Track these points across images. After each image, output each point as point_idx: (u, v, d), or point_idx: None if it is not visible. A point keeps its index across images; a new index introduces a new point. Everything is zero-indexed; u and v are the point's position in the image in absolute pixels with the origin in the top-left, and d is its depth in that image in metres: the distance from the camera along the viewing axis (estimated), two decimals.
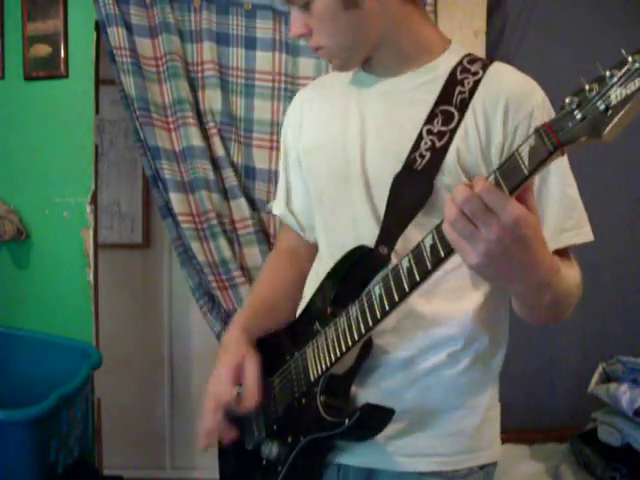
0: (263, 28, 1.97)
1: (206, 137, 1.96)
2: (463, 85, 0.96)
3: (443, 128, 0.94)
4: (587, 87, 0.63)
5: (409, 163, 0.95)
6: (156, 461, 2.80)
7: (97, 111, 2.10)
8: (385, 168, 0.97)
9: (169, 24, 1.94)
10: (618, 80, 0.60)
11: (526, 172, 0.68)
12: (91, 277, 2.10)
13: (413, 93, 1.00)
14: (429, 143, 0.95)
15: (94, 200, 2.10)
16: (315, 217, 1.12)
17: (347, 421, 0.90)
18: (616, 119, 0.61)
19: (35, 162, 2.12)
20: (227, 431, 1.04)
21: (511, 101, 0.93)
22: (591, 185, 2.08)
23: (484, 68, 0.97)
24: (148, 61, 1.96)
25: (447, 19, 1.92)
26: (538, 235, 0.73)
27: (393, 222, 0.95)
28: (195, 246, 1.94)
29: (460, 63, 0.99)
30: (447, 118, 0.95)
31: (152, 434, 2.80)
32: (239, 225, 1.97)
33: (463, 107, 0.95)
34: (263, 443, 1.03)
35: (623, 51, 0.61)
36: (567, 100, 0.65)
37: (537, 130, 0.67)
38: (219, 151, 1.95)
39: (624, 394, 1.58)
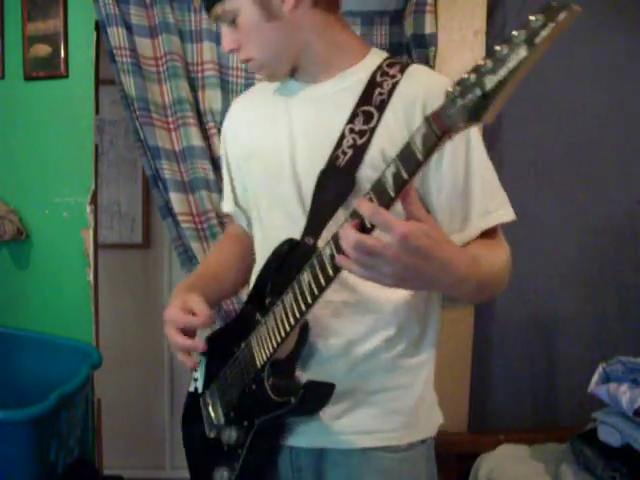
0: None
1: (206, 137, 1.96)
2: (382, 87, 1.04)
3: (364, 127, 1.02)
4: (466, 76, 0.69)
5: (332, 160, 1.03)
6: (156, 461, 2.81)
7: (97, 111, 2.10)
8: (313, 167, 1.05)
9: (169, 24, 1.94)
10: (490, 69, 0.66)
11: (421, 157, 0.74)
12: (91, 277, 2.10)
13: (336, 97, 1.08)
14: (351, 141, 1.03)
15: (94, 200, 2.10)
16: (252, 217, 1.22)
17: (293, 399, 0.99)
18: (492, 103, 0.67)
19: (35, 162, 2.12)
20: (197, 343, 1.10)
21: (427, 98, 1.00)
22: (591, 186, 2.08)
23: (402, 71, 1.06)
24: (148, 61, 1.96)
25: (447, 19, 1.92)
26: (437, 240, 0.79)
27: (319, 215, 1.03)
28: (195, 246, 1.94)
29: (380, 67, 1.07)
30: (367, 118, 1.03)
31: (152, 434, 2.80)
32: None
33: (382, 107, 1.03)
34: (223, 430, 1.12)
35: (496, 45, 0.67)
36: (450, 89, 0.71)
37: (426, 119, 0.74)
38: (219, 151, 1.95)
39: (624, 394, 1.58)
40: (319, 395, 1.01)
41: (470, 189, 1.02)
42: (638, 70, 2.06)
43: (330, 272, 0.87)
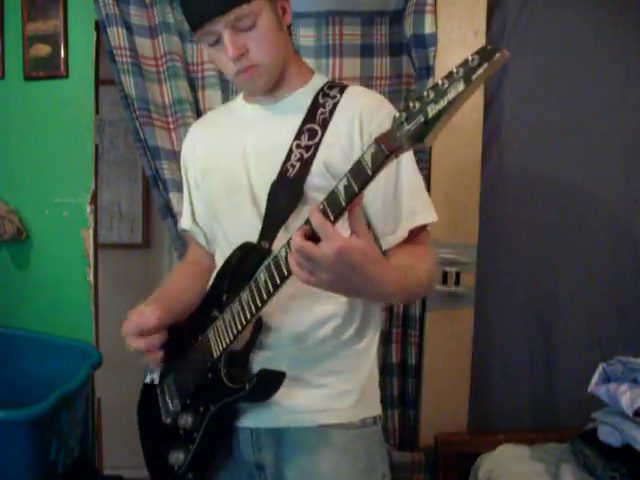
0: None
1: None
2: (324, 107, 1.18)
3: (309, 142, 1.16)
4: (411, 104, 0.81)
5: (282, 172, 1.15)
6: None
7: (97, 111, 2.10)
8: (265, 178, 1.17)
9: (169, 24, 1.94)
10: (432, 99, 0.78)
11: (370, 172, 0.85)
12: (91, 277, 2.10)
13: (284, 117, 1.21)
14: (298, 155, 1.15)
15: (94, 200, 2.10)
16: (214, 229, 1.32)
17: (247, 385, 1.10)
18: (432, 128, 0.78)
19: (35, 162, 2.12)
20: (156, 339, 1.19)
21: (364, 115, 1.16)
22: (591, 185, 2.08)
23: (341, 92, 1.20)
24: (148, 61, 1.96)
25: (447, 19, 1.91)
26: (370, 258, 0.91)
27: (272, 221, 1.15)
28: None
29: (322, 89, 1.21)
30: (312, 134, 1.16)
31: None
32: None
33: (325, 124, 1.17)
34: (179, 416, 1.21)
35: (439, 79, 0.77)
36: (396, 115, 0.83)
37: (376, 140, 0.85)
38: None
39: (624, 394, 1.58)
40: (270, 382, 1.11)
41: (400, 194, 1.16)
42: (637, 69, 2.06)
43: (285, 272, 0.98)
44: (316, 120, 1.17)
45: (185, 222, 1.41)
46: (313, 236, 0.90)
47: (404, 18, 1.95)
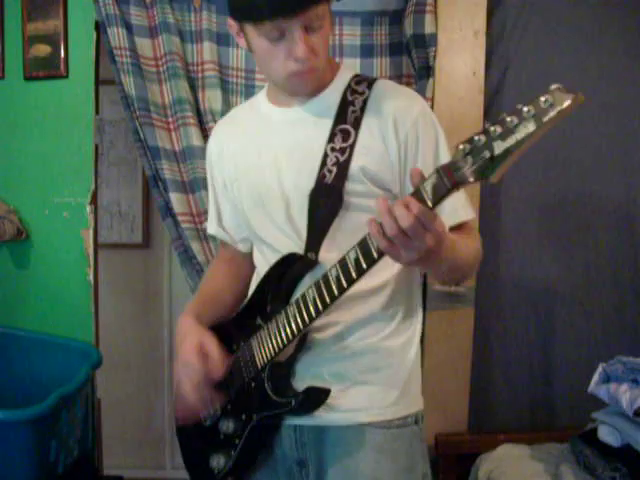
0: None
1: (206, 137, 1.95)
2: (354, 105, 1.15)
3: (344, 144, 1.12)
4: (476, 137, 0.78)
5: (320, 179, 1.12)
6: (156, 461, 2.81)
7: (97, 111, 2.10)
8: (300, 186, 1.14)
9: (169, 24, 1.94)
10: (499, 135, 0.76)
11: (430, 204, 0.85)
12: (91, 277, 2.10)
13: (315, 118, 1.17)
14: (334, 159, 1.12)
15: (94, 200, 2.10)
16: (249, 235, 1.29)
17: (293, 402, 1.10)
18: (499, 166, 0.77)
19: (35, 162, 2.12)
20: (214, 399, 1.18)
21: (398, 114, 1.12)
22: (590, 186, 2.08)
23: (369, 87, 1.16)
24: (148, 61, 1.96)
25: (447, 19, 1.91)
26: (445, 231, 0.93)
27: (316, 231, 1.13)
28: (195, 246, 1.94)
29: (349, 86, 1.17)
30: (345, 135, 1.13)
31: (152, 434, 2.80)
32: None
33: (357, 124, 1.13)
34: (220, 420, 1.21)
35: (505, 114, 0.75)
36: (460, 147, 0.80)
37: (437, 170, 0.84)
38: None
39: (624, 394, 1.58)
40: (316, 399, 1.11)
41: None
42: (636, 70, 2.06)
43: (335, 291, 0.99)
44: (347, 120, 1.14)
45: (211, 227, 1.38)
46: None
47: (404, 18, 1.95)
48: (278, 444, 1.22)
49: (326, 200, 1.12)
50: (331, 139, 1.13)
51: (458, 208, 1.15)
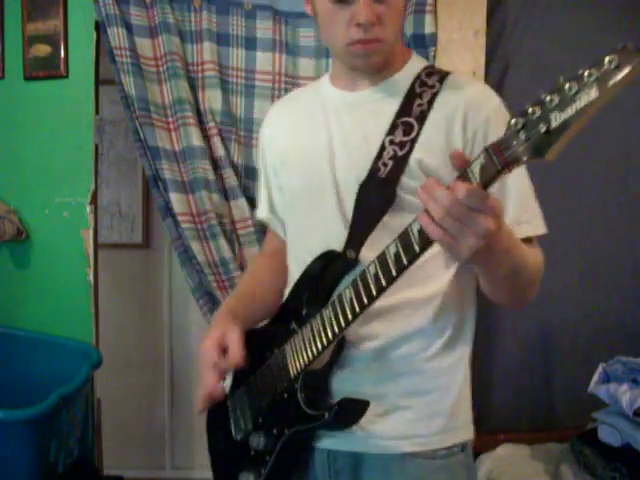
0: (263, 28, 1.96)
1: (206, 137, 1.96)
2: (422, 98, 1.04)
3: (404, 138, 1.02)
4: (530, 110, 0.68)
5: (373, 172, 1.03)
6: (156, 461, 2.81)
7: (97, 111, 2.10)
8: (352, 177, 1.05)
9: (169, 24, 1.94)
10: (557, 105, 0.66)
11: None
12: (91, 277, 2.10)
13: (376, 105, 1.08)
14: (391, 152, 1.02)
15: (94, 200, 2.10)
16: (287, 224, 1.21)
17: (327, 414, 0.98)
18: (557, 141, 0.66)
19: (35, 162, 2.12)
20: (219, 392, 1.09)
21: (468, 109, 1.02)
22: (590, 186, 2.08)
23: (441, 81, 1.06)
24: (148, 61, 1.96)
25: (447, 19, 1.91)
26: (502, 216, 0.81)
27: (360, 227, 1.03)
28: (195, 246, 1.94)
29: (418, 77, 1.07)
30: (407, 129, 1.03)
31: (152, 434, 2.80)
32: (239, 225, 1.97)
33: (422, 119, 1.03)
34: (250, 435, 1.11)
35: (563, 80, 0.66)
36: (512, 121, 0.70)
37: (486, 149, 0.73)
38: (219, 151, 1.95)
39: (624, 394, 1.58)
40: (352, 412, 1.00)
41: (504, 200, 1.00)
42: None
43: (374, 292, 0.89)
44: (412, 113, 1.03)
45: (261, 211, 1.30)
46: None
47: (404, 18, 1.95)
48: (311, 469, 1.12)
49: (377, 194, 1.02)
50: (391, 131, 1.04)
51: (522, 220, 1.03)
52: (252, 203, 1.99)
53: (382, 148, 1.03)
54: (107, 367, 2.01)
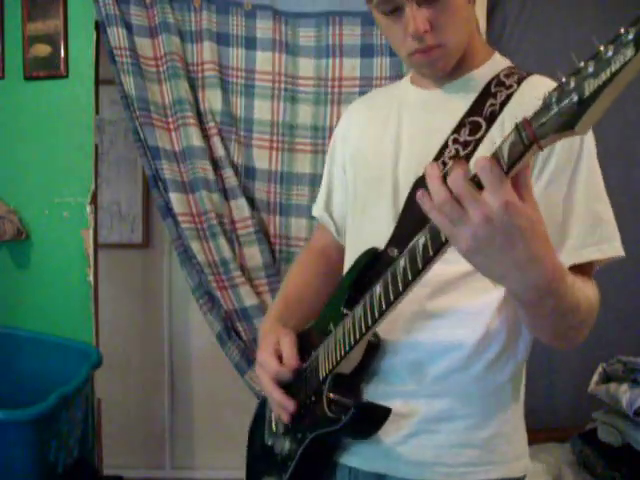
0: (263, 28, 1.97)
1: (206, 137, 1.96)
2: (495, 97, 0.97)
3: (469, 138, 0.96)
4: (564, 80, 0.62)
5: None
6: (156, 461, 2.80)
7: (97, 111, 2.10)
8: (412, 174, 0.99)
9: (169, 24, 1.94)
10: (592, 72, 0.59)
11: (505, 169, 0.66)
12: (91, 277, 2.10)
13: (447, 103, 1.02)
14: (453, 151, 0.96)
15: (94, 200, 2.10)
16: (347, 222, 1.15)
17: (343, 417, 0.92)
18: (588, 111, 0.59)
19: (35, 162, 2.12)
20: (286, 402, 1.03)
21: None
22: None
23: (519, 82, 0.98)
24: (148, 61, 1.96)
25: None
26: (535, 230, 0.69)
27: (407, 225, 0.96)
28: (195, 246, 1.94)
29: (497, 76, 1.00)
30: (475, 128, 0.96)
31: (152, 434, 2.80)
32: (239, 225, 1.97)
33: (492, 118, 0.96)
34: (279, 439, 1.08)
35: (601, 44, 0.60)
36: (547, 95, 0.64)
37: (517, 125, 0.66)
38: (219, 151, 1.95)
39: (624, 394, 1.58)
40: (372, 417, 0.94)
41: (569, 215, 0.92)
42: None
43: (400, 287, 0.82)
44: (483, 113, 0.97)
45: (317, 209, 1.26)
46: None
47: None
48: None
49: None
50: (457, 130, 0.98)
51: (589, 243, 0.92)
52: (252, 203, 2.00)
53: (444, 146, 0.98)
54: (107, 367, 2.01)
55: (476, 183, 0.67)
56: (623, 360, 1.66)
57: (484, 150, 0.94)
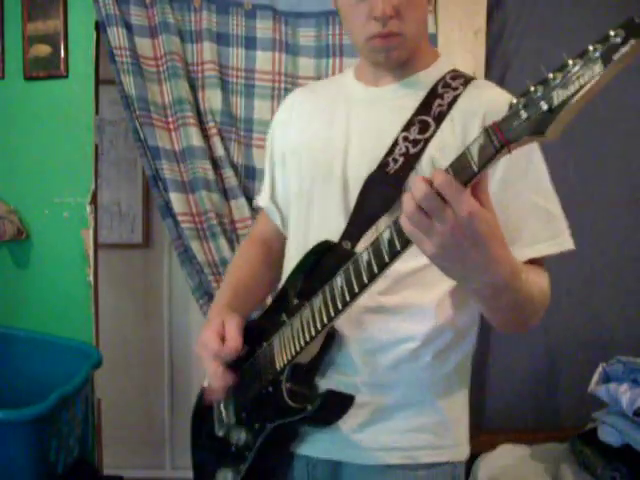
0: (263, 28, 1.96)
1: (206, 137, 1.96)
2: (442, 98, 1.03)
3: (419, 136, 1.00)
4: (532, 88, 0.67)
5: (382, 166, 1.01)
6: (156, 461, 2.80)
7: (97, 111, 2.10)
8: (362, 169, 1.03)
9: (169, 24, 1.94)
10: (559, 82, 0.64)
11: (475, 169, 0.71)
12: (91, 277, 2.10)
13: (396, 102, 1.06)
14: (403, 149, 1.01)
15: (94, 200, 2.10)
16: (289, 215, 1.18)
17: (310, 407, 0.95)
18: (557, 118, 0.65)
19: (35, 162, 2.12)
20: (227, 376, 1.05)
21: (488, 114, 0.97)
22: (590, 185, 2.08)
23: (465, 84, 1.04)
24: (148, 61, 1.96)
25: (447, 19, 1.92)
26: (494, 234, 0.75)
27: (360, 220, 1.00)
28: (195, 246, 1.94)
29: (443, 78, 1.06)
30: (424, 127, 1.01)
31: (152, 434, 2.80)
32: (239, 225, 1.97)
33: (440, 118, 1.01)
34: (232, 430, 1.09)
35: (568, 58, 0.65)
36: (514, 101, 0.69)
37: (486, 129, 0.71)
38: (219, 151, 1.95)
39: (624, 394, 1.58)
40: (337, 406, 0.98)
41: (524, 213, 0.98)
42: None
43: (365, 279, 0.85)
44: (431, 112, 1.02)
45: (262, 199, 1.27)
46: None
47: None
48: (291, 475, 1.09)
49: (383, 189, 1.00)
50: (407, 128, 1.02)
51: (541, 239, 0.99)
52: (252, 203, 1.99)
53: (395, 144, 1.02)
54: (107, 367, 2.01)
55: (439, 195, 0.72)
56: (623, 360, 1.66)
57: (433, 149, 0.99)
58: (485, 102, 1.00)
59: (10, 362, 2.05)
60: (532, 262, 0.98)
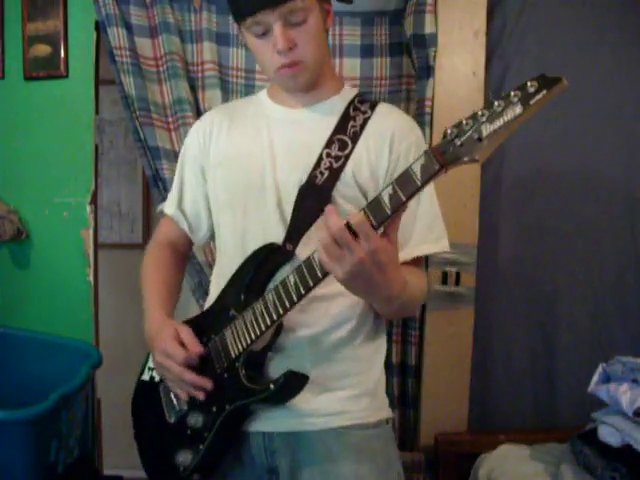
0: None
1: None
2: (355, 120, 1.22)
3: (339, 153, 1.19)
4: (464, 122, 0.85)
5: (311, 178, 1.17)
6: None
7: (97, 111, 2.10)
8: (292, 180, 1.18)
9: (169, 24, 1.94)
10: (487, 118, 0.83)
11: (418, 183, 0.88)
12: (91, 277, 2.10)
13: (314, 123, 1.23)
14: (328, 164, 1.18)
15: (94, 200, 2.10)
16: (220, 222, 1.29)
17: (272, 386, 1.09)
18: (485, 146, 0.83)
19: (35, 162, 2.12)
20: (202, 379, 1.15)
21: (395, 136, 1.21)
22: (591, 186, 2.08)
23: (372, 108, 1.24)
24: (148, 61, 1.96)
25: (447, 19, 1.92)
26: (392, 261, 0.96)
27: (298, 224, 1.17)
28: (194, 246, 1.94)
29: (352, 102, 1.25)
30: (342, 145, 1.19)
31: None
32: None
33: (355, 138, 1.20)
34: (187, 415, 1.21)
35: (493, 99, 0.83)
36: (448, 131, 0.86)
37: (426, 152, 0.88)
38: None
39: (624, 394, 1.58)
40: (294, 385, 1.11)
41: (415, 220, 1.19)
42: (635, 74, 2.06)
43: (319, 274, 1.00)
44: (347, 132, 1.20)
45: (169, 207, 1.39)
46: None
47: (404, 18, 1.95)
48: (246, 452, 1.21)
49: (314, 198, 1.16)
50: (328, 145, 1.19)
51: (427, 240, 1.20)
52: None
53: (320, 158, 1.18)
54: (107, 367, 2.01)
55: (350, 229, 0.90)
56: (623, 360, 1.66)
57: (352, 163, 1.18)
58: (391, 127, 1.21)
59: (10, 362, 2.05)
60: (413, 262, 1.20)
